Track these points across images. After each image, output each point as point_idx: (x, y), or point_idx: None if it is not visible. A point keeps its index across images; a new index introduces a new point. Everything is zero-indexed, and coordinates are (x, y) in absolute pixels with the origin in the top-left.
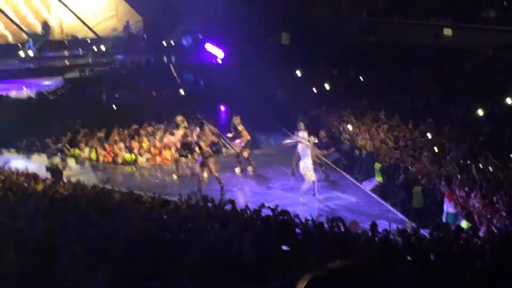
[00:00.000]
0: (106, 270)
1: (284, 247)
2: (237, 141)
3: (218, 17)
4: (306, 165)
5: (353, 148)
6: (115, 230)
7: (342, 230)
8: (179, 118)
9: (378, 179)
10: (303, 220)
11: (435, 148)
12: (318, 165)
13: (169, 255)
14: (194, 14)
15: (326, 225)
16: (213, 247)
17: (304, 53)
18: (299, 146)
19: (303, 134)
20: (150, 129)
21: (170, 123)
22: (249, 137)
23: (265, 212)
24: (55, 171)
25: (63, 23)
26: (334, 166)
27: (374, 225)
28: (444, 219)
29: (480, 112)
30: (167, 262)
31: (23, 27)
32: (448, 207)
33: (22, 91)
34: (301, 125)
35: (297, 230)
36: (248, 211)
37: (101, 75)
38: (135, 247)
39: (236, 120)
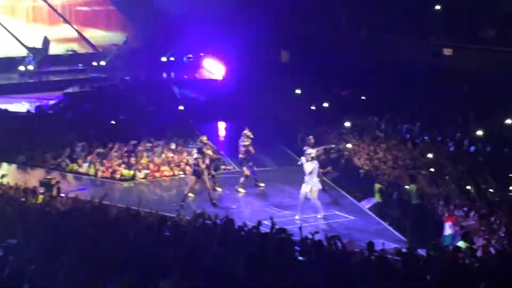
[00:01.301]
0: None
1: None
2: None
3: (218, 34)
4: (313, 183)
5: (351, 166)
6: (112, 245)
7: (340, 248)
8: (204, 138)
9: (378, 199)
10: (301, 238)
11: (432, 169)
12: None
13: (165, 271)
14: (194, 30)
15: (324, 244)
16: (209, 265)
17: (304, 71)
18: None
19: (310, 151)
20: (149, 145)
21: (168, 139)
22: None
23: (263, 230)
24: (48, 186)
25: (63, 38)
26: (333, 184)
27: (370, 245)
28: (443, 241)
29: (480, 132)
30: (162, 278)
31: (23, 41)
32: (448, 230)
33: (21, 105)
34: (311, 139)
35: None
36: (246, 229)
37: (101, 90)
38: (132, 263)
39: (249, 132)
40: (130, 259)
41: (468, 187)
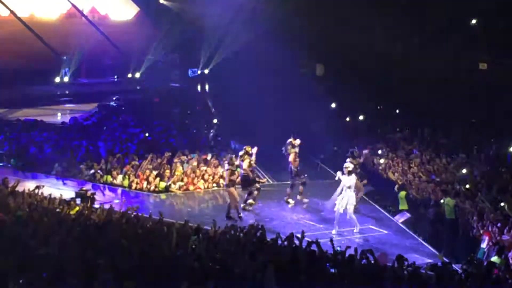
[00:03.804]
0: None
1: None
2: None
3: (254, 47)
4: (350, 197)
5: (385, 181)
6: (145, 257)
7: (372, 262)
8: (248, 148)
9: (403, 207)
10: (333, 252)
11: (467, 185)
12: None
13: (195, 283)
14: (228, 43)
15: (355, 257)
16: (239, 277)
17: (339, 85)
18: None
19: (347, 165)
20: (184, 157)
21: (202, 152)
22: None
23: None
24: (84, 197)
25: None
26: (367, 199)
27: (400, 258)
28: (480, 255)
29: None
30: None
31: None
32: (484, 244)
33: (57, 117)
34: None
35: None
36: (279, 241)
37: (135, 102)
38: (164, 274)
39: (294, 140)
40: (163, 270)
41: (502, 203)
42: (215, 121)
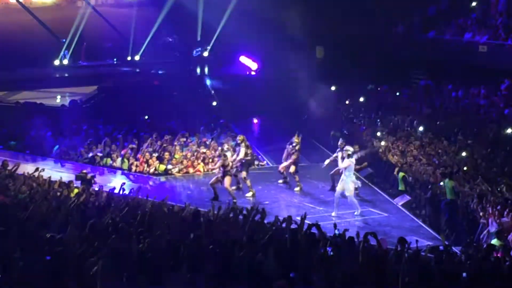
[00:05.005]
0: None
1: None
2: (286, 163)
3: (253, 29)
4: (350, 179)
5: (385, 163)
6: (144, 239)
7: (373, 245)
8: (240, 138)
9: (401, 187)
10: (332, 235)
11: (465, 167)
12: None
13: (193, 266)
14: (229, 26)
15: (356, 240)
16: (238, 259)
17: (339, 68)
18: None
19: (348, 147)
20: (183, 140)
21: (202, 134)
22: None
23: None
24: (84, 180)
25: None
26: (367, 181)
27: (401, 241)
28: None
29: (510, 130)
30: (190, 272)
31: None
32: (493, 227)
33: (56, 99)
34: (341, 143)
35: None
36: (279, 223)
37: (135, 85)
38: (164, 257)
39: (297, 139)
40: (163, 253)
41: (501, 186)
42: (214, 103)
